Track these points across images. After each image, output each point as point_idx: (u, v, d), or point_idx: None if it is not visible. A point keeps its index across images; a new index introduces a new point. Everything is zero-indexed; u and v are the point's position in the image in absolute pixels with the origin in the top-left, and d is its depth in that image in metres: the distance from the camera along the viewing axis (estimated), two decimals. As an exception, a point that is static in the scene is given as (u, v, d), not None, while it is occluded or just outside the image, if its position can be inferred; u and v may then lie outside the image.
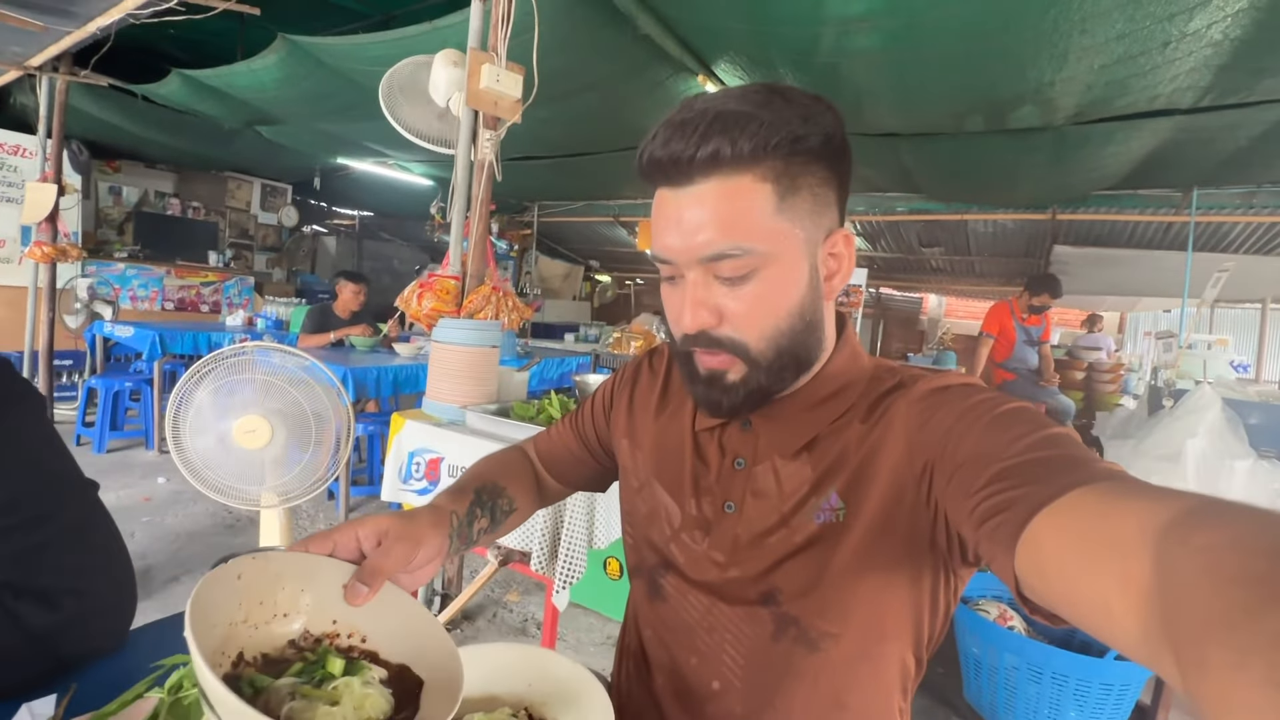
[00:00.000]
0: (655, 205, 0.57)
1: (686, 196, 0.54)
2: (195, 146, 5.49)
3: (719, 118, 0.52)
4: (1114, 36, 2.25)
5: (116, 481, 3.25)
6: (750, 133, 0.51)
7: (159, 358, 3.72)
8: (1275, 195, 4.14)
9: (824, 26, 2.44)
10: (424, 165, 5.77)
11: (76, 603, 0.73)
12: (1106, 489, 0.38)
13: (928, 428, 0.54)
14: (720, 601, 0.63)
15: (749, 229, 0.53)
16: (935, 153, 3.75)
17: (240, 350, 1.92)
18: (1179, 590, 0.27)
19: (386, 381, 3.05)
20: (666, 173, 0.54)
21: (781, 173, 0.53)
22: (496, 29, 2.01)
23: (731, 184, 0.52)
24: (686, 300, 0.56)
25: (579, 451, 0.82)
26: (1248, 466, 1.35)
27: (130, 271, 5.68)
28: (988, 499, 0.44)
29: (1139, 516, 0.33)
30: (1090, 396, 4.59)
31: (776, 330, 0.56)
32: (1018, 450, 0.46)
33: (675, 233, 0.54)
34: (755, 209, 0.53)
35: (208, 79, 3.73)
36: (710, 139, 0.51)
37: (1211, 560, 0.27)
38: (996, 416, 0.50)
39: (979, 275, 7.26)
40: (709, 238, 0.53)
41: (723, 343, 0.56)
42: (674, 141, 0.52)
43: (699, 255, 0.54)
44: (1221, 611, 0.24)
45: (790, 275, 0.55)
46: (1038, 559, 0.39)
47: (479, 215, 2.06)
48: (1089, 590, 0.34)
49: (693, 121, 0.52)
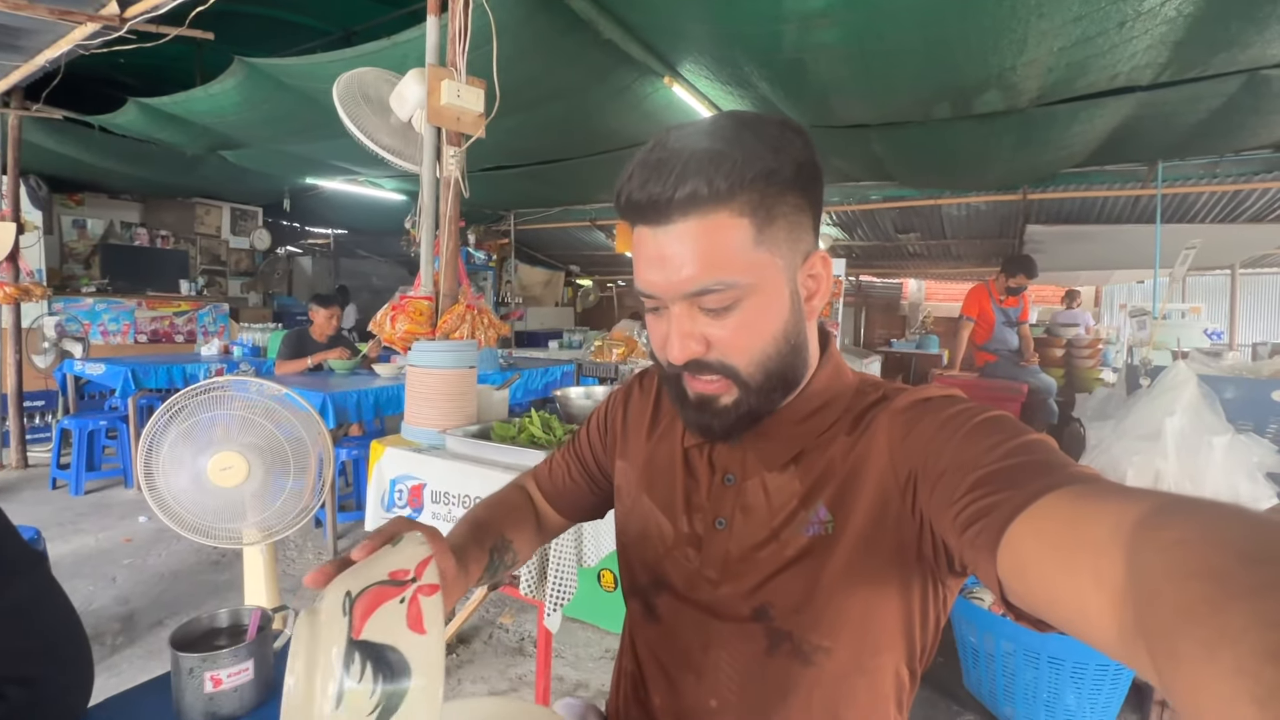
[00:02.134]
0: (635, 242, 0.58)
1: (666, 235, 0.55)
2: (159, 175, 5.39)
3: (693, 158, 0.52)
4: (1071, 19, 2.27)
5: (95, 524, 3.17)
6: (725, 171, 0.52)
7: (133, 393, 3.64)
8: (1237, 164, 4.22)
9: (785, 24, 2.44)
10: (395, 181, 5.70)
11: (23, 691, 0.69)
12: (1079, 492, 0.39)
13: (910, 439, 0.56)
14: (714, 618, 0.64)
15: (729, 263, 0.54)
16: (905, 141, 3.77)
17: (211, 385, 1.88)
18: (1149, 587, 0.28)
19: (368, 405, 3.00)
20: (645, 214, 0.55)
21: (757, 206, 0.54)
22: (454, 43, 1.98)
23: (709, 221, 0.53)
24: (674, 332, 0.57)
25: (581, 481, 0.83)
26: (1225, 442, 1.36)
27: (99, 306, 5.55)
28: (968, 506, 0.45)
29: (1110, 517, 0.33)
30: (1071, 373, 4.66)
31: (764, 354, 0.58)
32: (995, 457, 0.47)
33: (658, 270, 0.56)
34: (734, 243, 0.54)
35: (166, 106, 3.65)
36: (686, 180, 0.52)
37: (1179, 556, 0.27)
38: (975, 425, 0.52)
39: (955, 258, 7.33)
40: (691, 274, 0.54)
41: (713, 366, 0.58)
42: (650, 184, 0.53)
43: (683, 291, 0.55)
44: (1190, 605, 0.25)
45: (773, 302, 0.57)
46: (1017, 563, 0.39)
47: (448, 233, 2.03)
48: (1065, 592, 0.35)
49: (667, 162, 0.53)
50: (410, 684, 0.39)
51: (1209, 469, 1.34)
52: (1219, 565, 0.26)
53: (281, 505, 1.95)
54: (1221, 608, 0.24)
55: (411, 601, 0.42)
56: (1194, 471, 1.34)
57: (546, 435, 1.70)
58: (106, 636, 2.20)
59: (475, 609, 1.95)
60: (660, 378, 0.71)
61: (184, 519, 1.84)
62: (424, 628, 0.41)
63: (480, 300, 2.06)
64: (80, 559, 2.79)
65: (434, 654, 0.41)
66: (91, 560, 2.79)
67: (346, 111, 2.07)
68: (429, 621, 0.42)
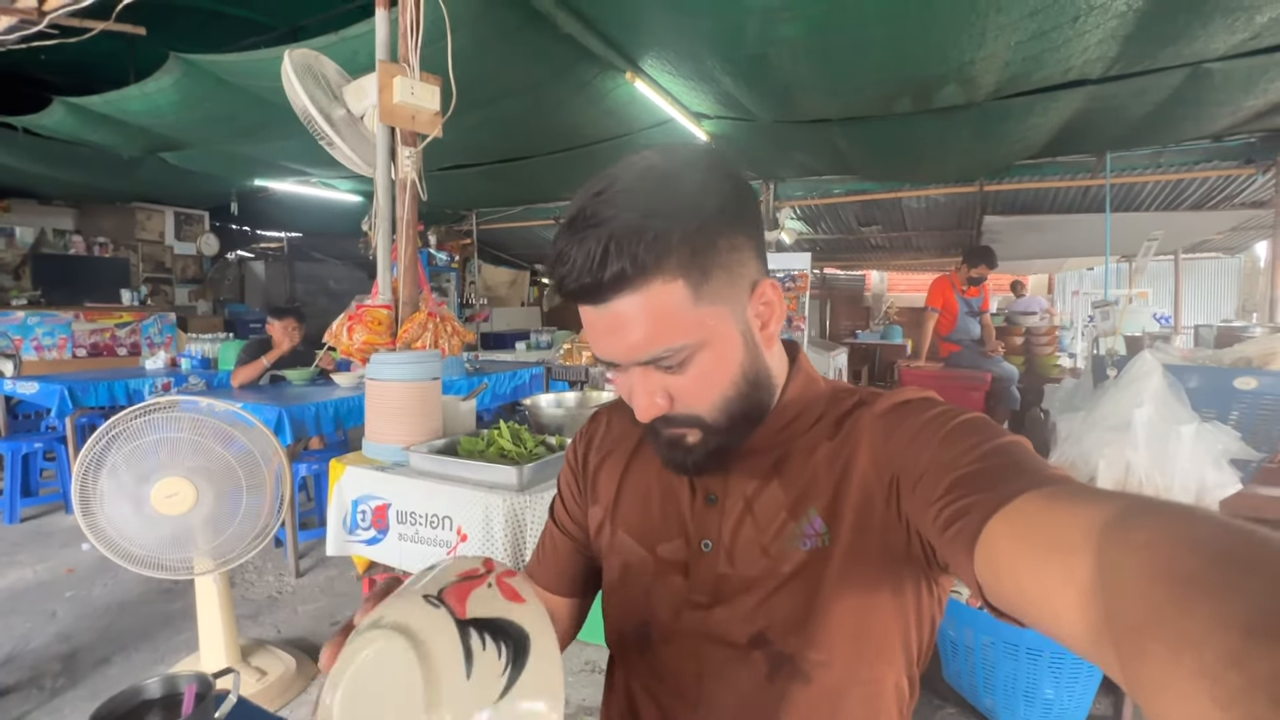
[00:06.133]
0: (583, 317, 0.57)
1: (607, 314, 0.54)
2: (93, 179, 5.08)
3: (612, 238, 0.50)
4: (1027, 13, 2.30)
5: (33, 554, 2.96)
6: (647, 244, 0.50)
7: (70, 413, 3.42)
8: (1180, 154, 4.39)
9: (747, 16, 2.41)
10: (349, 181, 5.50)
11: None
12: (1052, 493, 0.39)
13: (891, 441, 0.56)
14: (707, 644, 0.62)
15: (671, 329, 0.53)
16: (867, 135, 3.80)
17: (153, 405, 1.75)
18: (1117, 588, 0.29)
19: (328, 417, 2.88)
20: (580, 297, 0.55)
21: (689, 265, 0.52)
22: (406, 38, 1.89)
23: (643, 294, 0.52)
24: (636, 391, 0.57)
25: (573, 551, 0.77)
26: (1192, 430, 1.39)
27: (31, 320, 5.21)
28: (946, 507, 0.46)
29: (1081, 519, 0.34)
30: (1030, 360, 4.79)
31: (725, 399, 0.58)
32: (972, 459, 0.47)
33: (608, 342, 0.56)
34: (673, 308, 0.53)
35: (96, 106, 3.43)
36: (609, 263, 0.50)
37: (1146, 558, 0.28)
38: (953, 428, 0.52)
39: (916, 249, 7.48)
40: (636, 344, 0.54)
41: (679, 419, 0.58)
42: (576, 272, 0.52)
43: (634, 359, 0.55)
44: (1156, 607, 0.26)
45: (725, 350, 0.57)
46: (993, 564, 0.40)
47: (406, 237, 1.94)
48: (1038, 592, 0.35)
49: (585, 243, 0.51)
50: (531, 643, 0.41)
51: (1177, 458, 1.36)
52: (1185, 568, 0.26)
53: (236, 529, 1.83)
54: (1187, 610, 0.24)
55: (499, 584, 0.44)
56: (1163, 461, 1.36)
57: (517, 448, 1.64)
58: (45, 679, 2.04)
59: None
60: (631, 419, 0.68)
61: (128, 551, 1.71)
62: (523, 598, 0.43)
63: (443, 307, 1.98)
64: (16, 593, 2.60)
65: (542, 617, 0.42)
66: (29, 594, 2.60)
67: (299, 80, 1.94)
68: (525, 593, 0.44)
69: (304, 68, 2.07)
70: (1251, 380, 1.42)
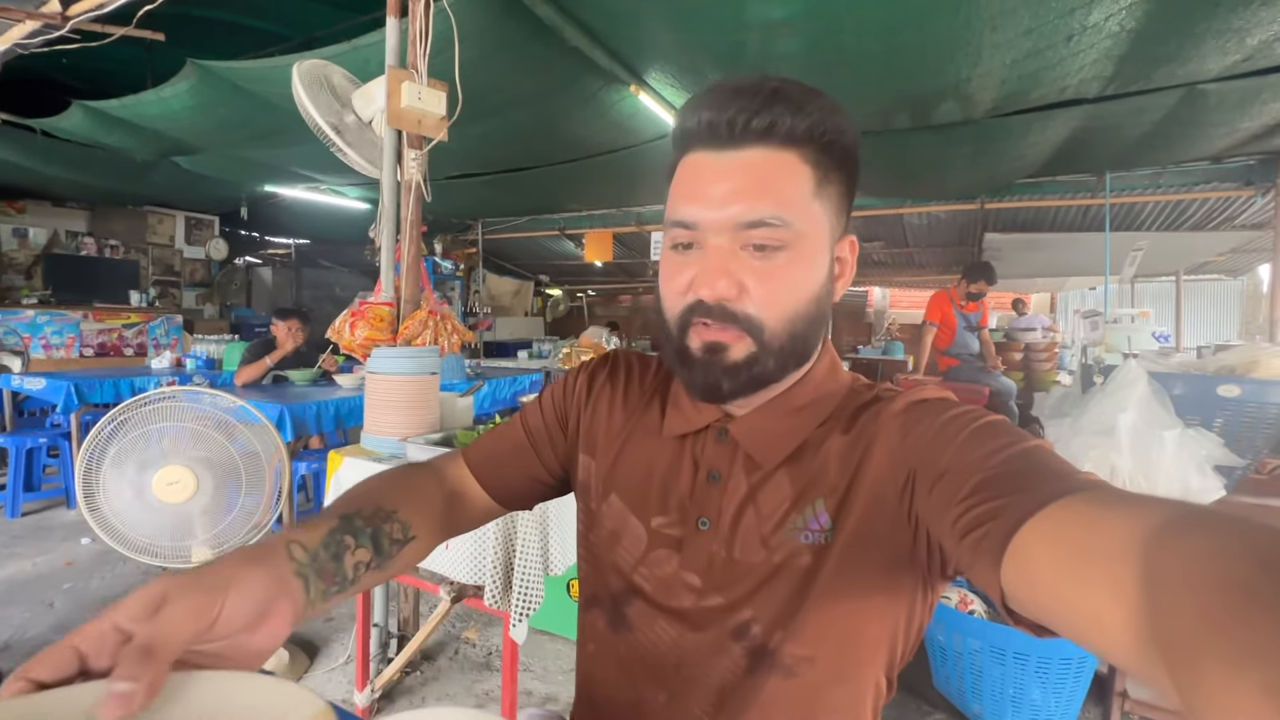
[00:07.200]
0: (685, 169, 0.57)
1: (732, 161, 0.54)
2: (108, 182, 5.18)
3: (779, 92, 0.53)
4: (1021, 32, 2.36)
5: (34, 547, 2.99)
6: (807, 113, 0.53)
7: (76, 409, 3.47)
8: (1179, 175, 4.43)
9: (748, 32, 2.47)
10: (358, 189, 5.59)
11: None
12: (1090, 499, 0.38)
13: (908, 440, 0.54)
14: (690, 631, 0.60)
15: (791, 202, 0.53)
16: (866, 150, 3.77)
17: (159, 395, 1.79)
18: (1168, 598, 0.27)
19: (328, 416, 2.91)
20: (715, 133, 0.54)
21: (819, 162, 0.55)
22: (415, 46, 1.95)
23: (778, 157, 0.53)
24: (708, 267, 0.54)
25: (523, 463, 0.73)
26: (1175, 436, 1.40)
27: (41, 318, 5.29)
28: (970, 510, 0.44)
29: (1123, 527, 0.33)
30: (1029, 376, 4.81)
31: (795, 313, 0.56)
32: (998, 462, 0.46)
33: (710, 196, 0.54)
34: (798, 186, 0.54)
35: (114, 110, 3.51)
36: (771, 108, 0.52)
37: (1199, 567, 0.27)
38: (976, 429, 0.50)
39: (918, 266, 7.52)
40: (752, 203, 0.53)
41: (738, 318, 0.55)
42: (731, 104, 0.53)
43: (736, 220, 0.53)
44: (1212, 618, 0.24)
45: (815, 260, 0.56)
46: (1026, 571, 0.38)
47: (410, 237, 1.98)
48: (1080, 602, 0.34)
49: (751, 89, 0.53)
50: None
51: (1161, 462, 1.38)
52: (1242, 576, 0.25)
53: (234, 521, 1.86)
54: (1247, 620, 0.23)
55: None
56: (1147, 465, 1.38)
57: (512, 442, 1.66)
58: (42, 666, 2.06)
59: (439, 623, 1.89)
60: (659, 337, 0.63)
61: (127, 538, 1.74)
62: None
63: (444, 306, 2.02)
64: (15, 585, 2.63)
65: None
66: (28, 586, 2.63)
67: (306, 91, 2.01)
68: None
69: (313, 80, 2.14)
70: (1234, 388, 1.45)
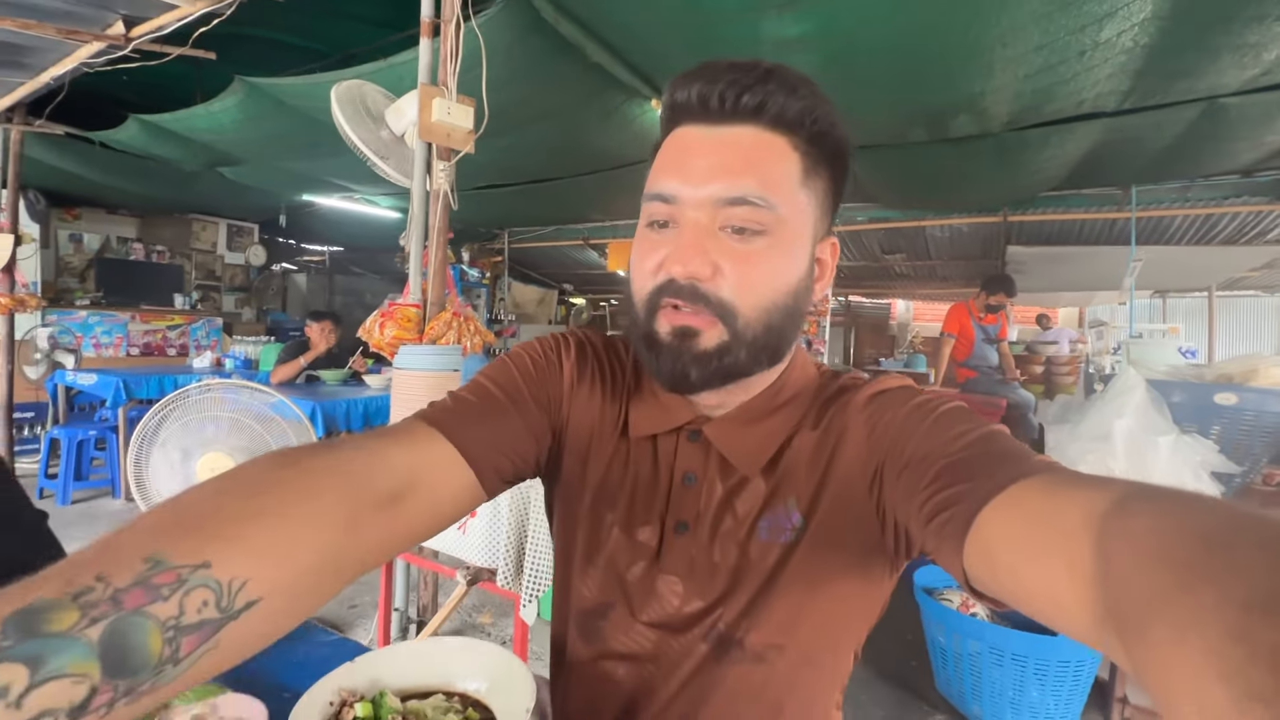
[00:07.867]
0: (670, 142, 0.55)
1: (720, 135, 0.52)
2: (157, 190, 5.47)
3: (773, 72, 0.52)
4: (1033, 48, 2.39)
5: (82, 532, 3.18)
6: (800, 96, 0.52)
7: (124, 403, 3.68)
8: (1208, 189, 4.37)
9: (764, 48, 2.55)
10: (390, 199, 5.80)
11: None
12: (1046, 481, 0.39)
13: (875, 435, 0.55)
14: (670, 635, 0.60)
15: (776, 185, 0.52)
16: (884, 163, 3.89)
17: (205, 386, 1.93)
18: (1120, 574, 0.29)
19: (357, 414, 3.05)
20: (705, 106, 0.53)
21: (808, 151, 0.54)
22: (446, 64, 2.08)
23: (768, 138, 0.52)
24: (683, 244, 0.52)
25: (522, 421, 0.61)
26: (1170, 442, 1.43)
27: (93, 319, 5.59)
28: (934, 495, 0.45)
29: (1079, 506, 0.34)
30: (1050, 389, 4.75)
31: (771, 303, 0.53)
32: (960, 447, 0.47)
33: (694, 169, 0.52)
34: (785, 170, 0.52)
35: (166, 123, 3.74)
36: (765, 85, 0.51)
37: (1149, 544, 0.28)
38: (939, 416, 0.52)
39: (941, 279, 7.47)
40: (736, 180, 0.51)
41: (710, 300, 0.52)
42: (724, 77, 0.52)
43: (717, 196, 0.51)
44: (1160, 591, 0.26)
45: (796, 250, 0.54)
46: (986, 553, 0.40)
47: (437, 244, 2.10)
48: (1037, 580, 0.35)
49: (746, 66, 0.52)
50: None
51: (1155, 467, 1.41)
52: (1188, 551, 0.26)
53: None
54: (1191, 590, 0.24)
55: None
56: (1142, 470, 1.41)
57: (527, 437, 1.76)
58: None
59: (455, 607, 1.97)
60: (629, 325, 0.58)
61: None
62: None
63: (467, 309, 2.13)
64: (65, 566, 2.80)
65: None
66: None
67: (343, 112, 2.15)
68: None
69: (349, 100, 2.28)
70: (1231, 396, 1.47)
